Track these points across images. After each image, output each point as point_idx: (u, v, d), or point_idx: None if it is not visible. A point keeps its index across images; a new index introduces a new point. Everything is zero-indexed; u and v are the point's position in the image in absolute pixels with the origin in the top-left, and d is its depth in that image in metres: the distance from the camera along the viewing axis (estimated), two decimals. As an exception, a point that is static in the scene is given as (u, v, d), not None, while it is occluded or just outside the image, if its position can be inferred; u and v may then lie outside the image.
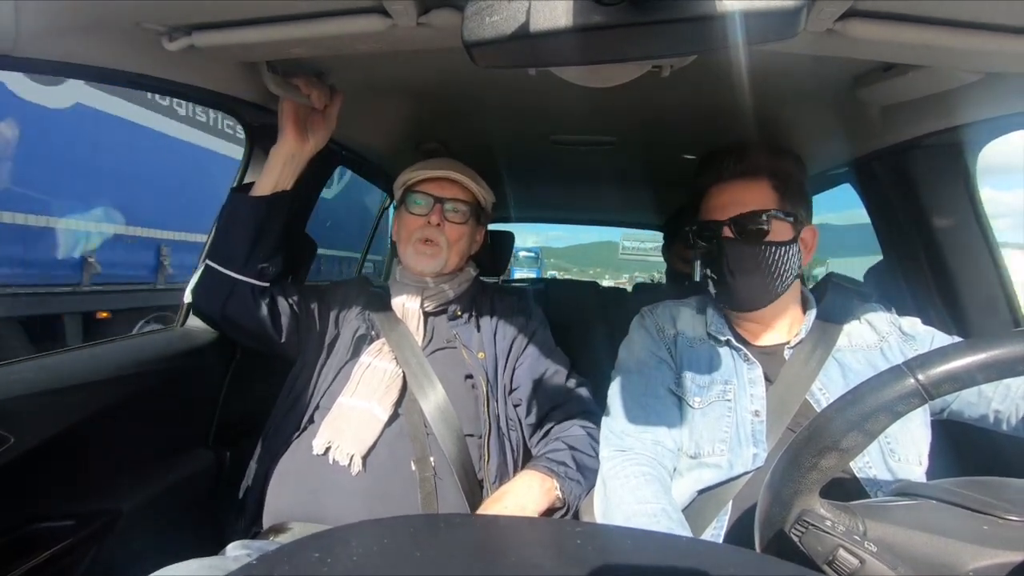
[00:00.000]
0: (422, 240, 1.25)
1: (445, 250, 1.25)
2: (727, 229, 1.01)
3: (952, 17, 0.76)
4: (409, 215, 1.27)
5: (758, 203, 1.00)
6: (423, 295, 1.26)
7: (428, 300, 1.26)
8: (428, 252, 1.25)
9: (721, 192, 1.04)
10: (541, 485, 1.03)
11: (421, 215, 1.26)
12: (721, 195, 1.04)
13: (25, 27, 0.79)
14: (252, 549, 0.97)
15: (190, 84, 1.09)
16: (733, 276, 1.00)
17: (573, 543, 0.52)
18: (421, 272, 1.26)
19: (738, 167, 1.03)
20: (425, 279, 1.27)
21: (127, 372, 1.17)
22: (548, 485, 1.04)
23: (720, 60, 1.01)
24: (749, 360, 1.03)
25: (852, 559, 0.52)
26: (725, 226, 1.01)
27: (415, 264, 1.26)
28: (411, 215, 1.27)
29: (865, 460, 0.90)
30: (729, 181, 1.04)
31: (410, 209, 1.27)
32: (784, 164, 1.06)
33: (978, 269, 1.25)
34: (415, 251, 1.25)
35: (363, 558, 0.46)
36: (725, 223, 1.01)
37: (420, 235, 1.25)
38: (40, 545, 0.97)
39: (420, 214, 1.26)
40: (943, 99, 1.08)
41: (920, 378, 0.52)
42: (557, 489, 1.04)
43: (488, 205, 1.36)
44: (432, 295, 1.26)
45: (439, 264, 1.25)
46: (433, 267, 1.25)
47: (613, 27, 0.50)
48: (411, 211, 1.27)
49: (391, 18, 0.82)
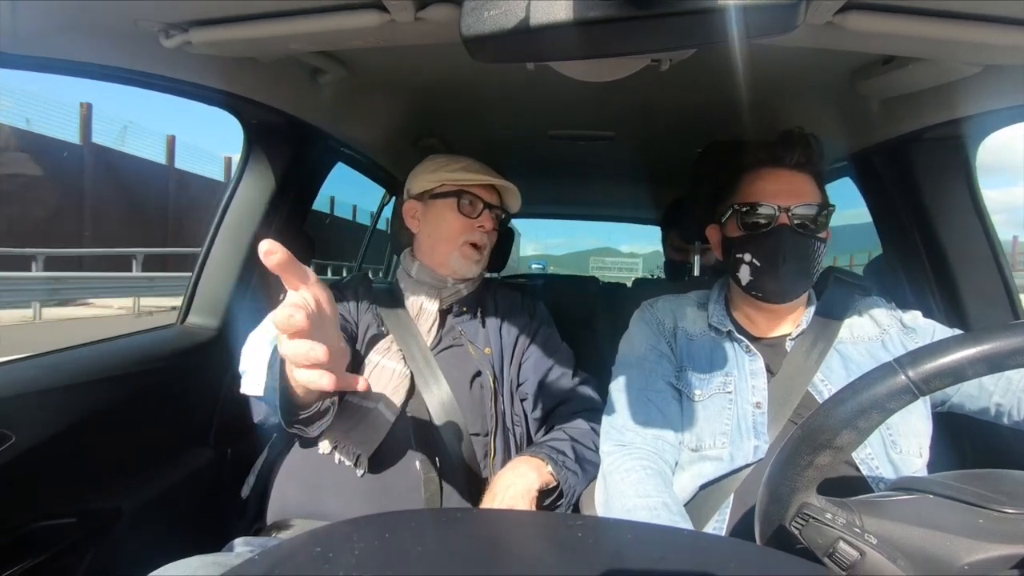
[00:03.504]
0: (471, 244, 1.24)
1: (486, 256, 1.28)
2: (785, 217, 0.98)
3: (951, 9, 0.76)
4: (460, 216, 1.24)
5: (814, 197, 1.00)
6: (440, 295, 1.24)
7: (445, 300, 1.25)
8: (476, 258, 1.25)
9: (778, 178, 1.01)
10: (528, 464, 1.04)
11: (474, 218, 1.25)
12: (778, 181, 1.01)
13: (23, 25, 0.79)
14: (254, 546, 0.97)
15: (187, 81, 1.09)
16: (785, 265, 0.98)
17: (574, 536, 0.53)
18: (462, 276, 1.25)
19: (801, 157, 1.01)
20: (446, 279, 1.25)
21: (128, 370, 1.17)
22: (536, 464, 1.04)
23: (719, 54, 1.01)
24: (751, 352, 1.03)
25: (852, 551, 0.52)
26: (783, 213, 0.98)
27: (460, 268, 1.24)
28: (462, 216, 1.24)
29: (867, 452, 0.90)
30: (789, 169, 1.02)
31: (463, 210, 1.24)
32: (824, 160, 1.06)
33: (978, 262, 1.26)
34: (463, 255, 1.23)
35: (365, 553, 0.46)
36: (783, 211, 0.98)
37: (470, 238, 1.24)
38: (42, 543, 0.98)
39: (473, 216, 1.25)
40: (943, 92, 1.08)
41: (910, 374, 0.52)
42: (548, 467, 1.04)
43: (511, 212, 1.39)
44: (449, 294, 1.25)
45: (480, 268, 1.27)
46: (475, 271, 1.26)
47: (611, 21, 0.50)
48: (464, 212, 1.24)
49: (389, 13, 0.82)
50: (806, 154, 1.01)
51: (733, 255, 1.04)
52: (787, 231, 0.98)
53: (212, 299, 1.44)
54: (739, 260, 1.03)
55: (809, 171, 1.02)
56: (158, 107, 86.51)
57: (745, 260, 1.02)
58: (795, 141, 1.01)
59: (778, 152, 1.02)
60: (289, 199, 1.48)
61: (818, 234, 0.99)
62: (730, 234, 1.06)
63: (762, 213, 1.00)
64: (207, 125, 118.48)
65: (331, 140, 1.56)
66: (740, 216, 1.02)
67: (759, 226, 1.00)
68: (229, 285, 1.43)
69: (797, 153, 1.01)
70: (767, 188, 1.01)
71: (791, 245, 0.98)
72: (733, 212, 1.04)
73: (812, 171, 1.03)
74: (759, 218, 1.00)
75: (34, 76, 3.44)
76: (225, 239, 1.43)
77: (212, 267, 1.43)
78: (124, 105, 60.53)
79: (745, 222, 1.02)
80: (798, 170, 1.02)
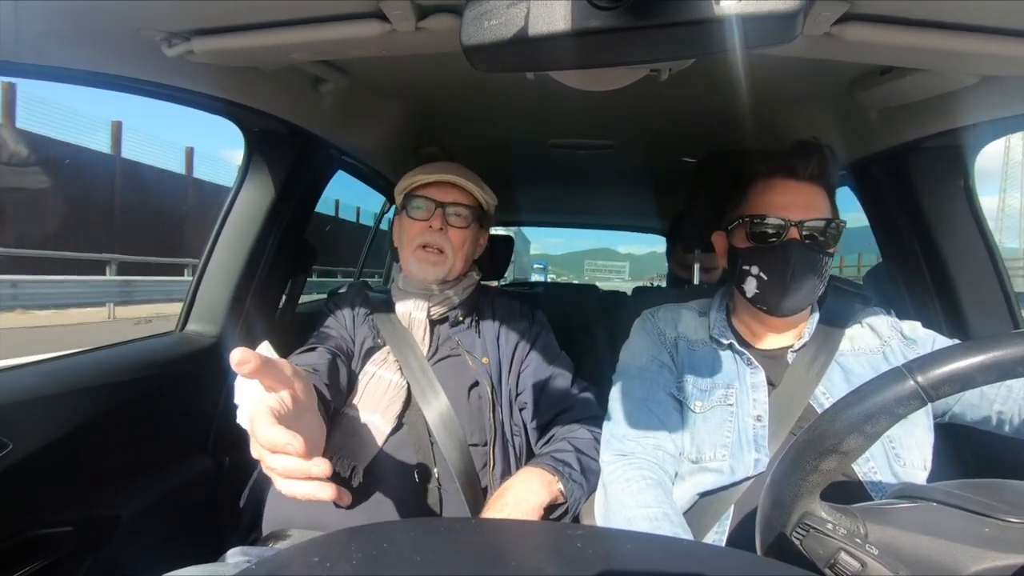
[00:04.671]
0: (422, 246, 1.21)
1: (450, 256, 1.22)
2: (795, 231, 0.96)
3: (949, 20, 0.76)
4: (410, 220, 1.24)
5: (825, 211, 0.98)
6: (429, 303, 1.23)
7: (434, 308, 1.24)
8: (431, 259, 1.21)
9: (788, 190, 0.99)
10: (541, 479, 1.02)
11: (422, 220, 1.22)
12: (789, 193, 0.99)
13: (25, 33, 0.79)
14: (251, 555, 0.96)
15: (189, 89, 1.10)
16: (793, 280, 0.96)
17: (574, 546, 0.52)
18: (424, 280, 1.23)
19: (816, 168, 0.99)
20: (430, 286, 1.24)
21: (126, 377, 1.17)
22: (548, 479, 1.03)
23: (718, 64, 1.01)
24: (752, 364, 1.02)
25: (853, 562, 0.52)
26: (793, 227, 0.96)
27: (419, 272, 1.22)
28: (412, 220, 1.23)
29: (870, 465, 0.90)
30: (802, 180, 1.00)
31: (411, 214, 1.23)
32: (836, 173, 1.04)
33: (977, 271, 1.26)
34: (416, 258, 1.22)
35: (363, 562, 0.45)
36: (794, 224, 0.96)
37: (421, 240, 1.22)
38: (39, 552, 0.97)
39: (421, 219, 1.22)
40: (940, 102, 1.09)
41: (920, 380, 0.52)
42: (558, 483, 1.03)
43: (490, 208, 1.33)
44: (438, 302, 1.24)
45: (443, 271, 1.22)
46: (437, 274, 1.22)
47: (611, 31, 0.50)
48: (412, 216, 1.23)
49: (390, 23, 0.83)
50: (820, 166, 0.99)
51: (739, 266, 1.03)
52: (796, 245, 0.96)
53: (211, 307, 1.43)
54: (745, 272, 1.01)
55: (822, 183, 1.00)
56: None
57: (752, 273, 1.00)
58: (811, 152, 0.99)
59: (792, 163, 1.00)
60: (290, 207, 1.48)
61: (827, 249, 0.98)
62: (737, 244, 1.05)
63: (771, 225, 0.98)
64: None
65: (332, 148, 1.57)
66: (749, 227, 1.01)
67: (768, 238, 0.99)
68: (229, 293, 1.43)
69: (812, 164, 0.99)
70: (777, 200, 0.99)
71: (800, 260, 0.96)
72: (741, 222, 1.03)
73: (825, 183, 1.01)
74: (768, 230, 0.98)
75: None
76: (225, 247, 1.43)
77: (212, 274, 1.43)
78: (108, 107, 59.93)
79: (753, 233, 1.00)
80: (811, 182, 1.00)
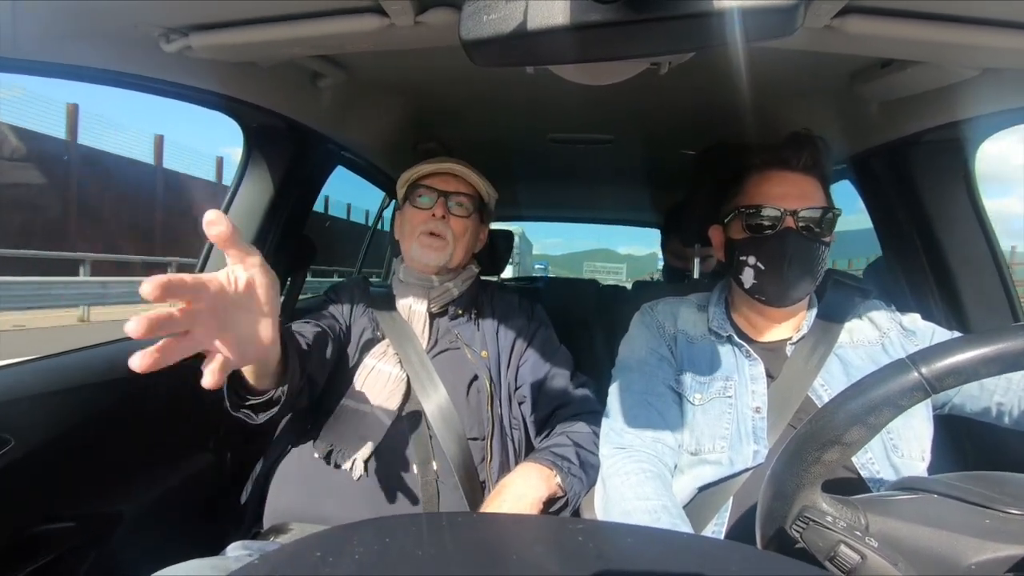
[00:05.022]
0: (427, 233, 1.23)
1: (451, 243, 1.24)
2: (790, 220, 0.98)
3: (949, 12, 0.76)
4: (414, 209, 1.26)
5: (820, 200, 0.99)
6: (429, 295, 1.24)
7: (434, 301, 1.25)
8: (434, 245, 1.23)
9: (784, 180, 1.00)
10: (539, 474, 1.03)
11: (426, 209, 1.25)
12: (783, 183, 1.00)
13: (23, 30, 0.79)
14: (253, 549, 0.97)
15: (187, 85, 1.09)
16: (789, 269, 0.97)
17: (575, 540, 0.52)
18: (427, 265, 1.24)
19: (809, 159, 1.00)
20: (431, 277, 1.25)
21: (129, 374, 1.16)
22: (546, 474, 1.03)
23: (717, 57, 1.01)
24: (751, 356, 1.03)
25: (853, 555, 0.52)
26: (789, 216, 0.98)
27: (421, 256, 1.24)
28: (416, 209, 1.26)
29: (868, 456, 0.90)
30: (796, 171, 1.01)
31: (415, 204, 1.26)
32: (831, 163, 1.05)
33: (978, 264, 1.26)
34: (420, 244, 1.24)
35: (365, 557, 0.46)
36: (789, 213, 0.98)
37: (425, 228, 1.24)
38: (42, 547, 0.97)
39: (425, 208, 1.25)
40: (941, 95, 1.08)
41: (924, 372, 0.52)
42: (557, 477, 1.03)
43: (491, 201, 1.36)
44: (438, 295, 1.25)
45: (445, 257, 1.24)
46: (439, 260, 1.23)
47: (610, 25, 0.50)
48: (416, 205, 1.26)
49: (388, 17, 0.82)
50: (813, 156, 1.01)
51: (736, 257, 1.04)
52: (792, 234, 0.97)
53: None
54: (743, 263, 1.02)
55: (816, 174, 1.01)
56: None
57: (749, 263, 1.01)
58: (803, 143, 1.01)
59: (785, 154, 1.01)
60: (289, 203, 1.48)
61: (823, 238, 0.99)
62: (734, 236, 1.06)
63: (767, 215, 0.99)
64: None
65: (331, 143, 1.57)
66: (745, 218, 1.02)
67: (764, 228, 1.00)
68: None
69: (805, 155, 1.00)
70: (773, 190, 1.00)
71: (796, 248, 0.97)
72: (737, 214, 1.03)
73: (819, 174, 1.02)
74: (764, 220, 0.99)
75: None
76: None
77: (212, 270, 1.43)
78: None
79: (750, 224, 1.01)
80: (805, 173, 1.01)
